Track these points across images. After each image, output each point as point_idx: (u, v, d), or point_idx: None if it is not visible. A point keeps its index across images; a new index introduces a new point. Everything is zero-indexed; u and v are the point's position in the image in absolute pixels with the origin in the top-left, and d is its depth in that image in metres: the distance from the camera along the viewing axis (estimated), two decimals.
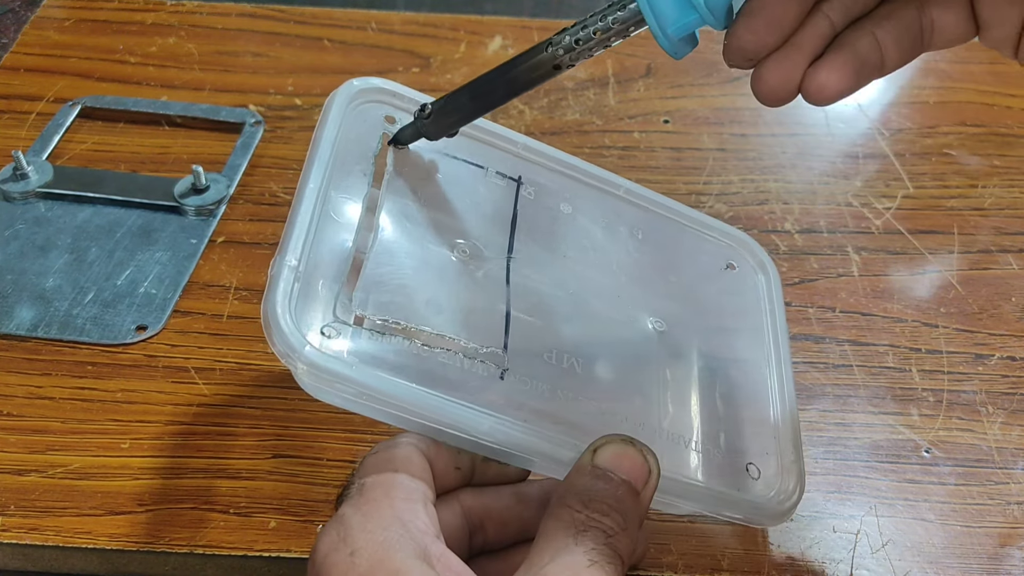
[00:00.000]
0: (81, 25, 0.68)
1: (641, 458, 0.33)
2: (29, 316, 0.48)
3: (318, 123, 0.38)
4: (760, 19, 0.31)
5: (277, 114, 0.61)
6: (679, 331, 0.42)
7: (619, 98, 0.64)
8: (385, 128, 0.40)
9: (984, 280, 0.53)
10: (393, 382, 0.33)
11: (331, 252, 0.35)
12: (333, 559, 0.29)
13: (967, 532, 0.42)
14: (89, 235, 0.53)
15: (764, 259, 0.47)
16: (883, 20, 0.32)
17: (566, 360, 0.38)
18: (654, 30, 0.32)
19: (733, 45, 0.31)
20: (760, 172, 0.60)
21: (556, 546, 0.30)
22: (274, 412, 0.45)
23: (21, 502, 0.41)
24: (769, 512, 0.39)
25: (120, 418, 0.44)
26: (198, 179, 0.54)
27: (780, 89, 0.31)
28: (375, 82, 0.40)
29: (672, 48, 0.32)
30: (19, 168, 0.55)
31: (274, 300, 0.32)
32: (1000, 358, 0.49)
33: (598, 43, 0.33)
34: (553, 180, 0.44)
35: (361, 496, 0.31)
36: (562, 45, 0.34)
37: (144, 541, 0.40)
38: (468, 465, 0.35)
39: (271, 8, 0.70)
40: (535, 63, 0.35)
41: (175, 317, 0.49)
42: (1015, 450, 0.45)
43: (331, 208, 0.36)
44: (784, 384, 0.43)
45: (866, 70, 0.32)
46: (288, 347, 0.32)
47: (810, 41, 0.31)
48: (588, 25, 0.33)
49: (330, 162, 0.37)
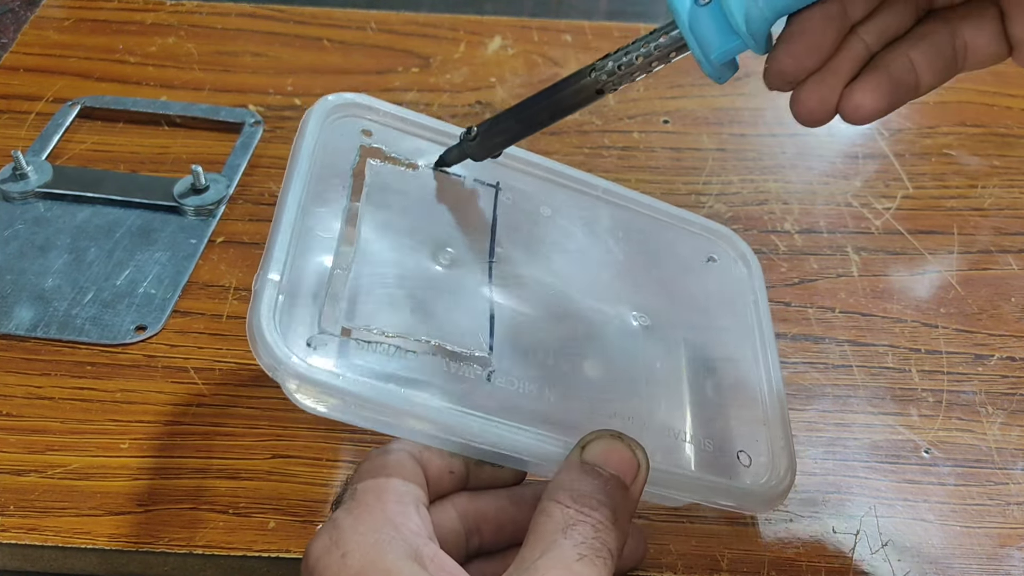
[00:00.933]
0: (80, 25, 0.68)
1: (629, 452, 0.33)
2: (28, 316, 0.48)
3: (295, 138, 0.39)
4: (800, 44, 0.32)
5: (277, 114, 0.61)
6: (664, 325, 0.43)
7: (619, 98, 0.64)
8: (362, 141, 0.40)
9: (984, 280, 0.53)
10: (381, 389, 0.33)
11: (314, 265, 0.36)
12: (325, 561, 0.30)
13: (966, 532, 0.42)
14: (88, 235, 0.53)
15: (745, 250, 0.48)
16: (917, 42, 0.32)
17: (552, 359, 0.39)
18: (697, 56, 0.33)
19: (774, 69, 0.32)
20: (760, 172, 0.60)
21: (546, 541, 0.30)
22: (273, 412, 0.45)
23: (20, 502, 0.41)
24: (762, 498, 0.39)
25: (119, 418, 0.44)
26: (197, 179, 0.54)
27: (818, 111, 0.32)
28: (350, 97, 0.41)
29: (715, 73, 0.33)
30: (18, 168, 0.55)
31: (259, 315, 0.33)
32: (1000, 358, 0.49)
33: (640, 68, 0.35)
34: (531, 184, 0.44)
35: (354, 500, 0.32)
36: (605, 70, 0.35)
37: (143, 541, 0.40)
38: (462, 469, 0.35)
39: (271, 8, 0.70)
40: (578, 87, 0.36)
41: (174, 317, 0.49)
42: (1015, 450, 0.45)
43: (312, 222, 0.37)
44: (771, 371, 0.43)
45: (901, 91, 0.32)
46: (275, 360, 0.32)
47: (847, 64, 0.32)
48: (631, 51, 0.34)
49: (309, 177, 0.37)
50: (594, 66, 0.35)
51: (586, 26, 0.70)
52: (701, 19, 0.32)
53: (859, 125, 0.33)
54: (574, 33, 0.69)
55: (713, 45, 0.32)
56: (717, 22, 0.32)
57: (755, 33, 0.31)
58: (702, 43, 0.32)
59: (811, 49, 0.32)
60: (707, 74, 0.33)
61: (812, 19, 0.31)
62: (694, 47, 0.33)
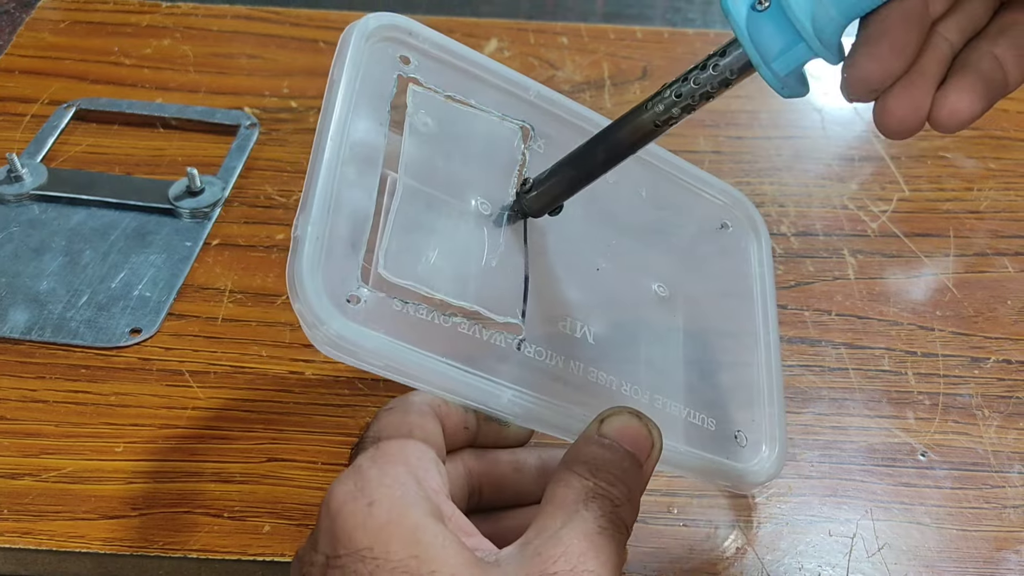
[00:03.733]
0: (76, 27, 0.68)
1: (646, 431, 0.34)
2: (23, 319, 0.48)
3: (334, 64, 0.36)
4: (884, 46, 0.29)
5: (272, 116, 0.61)
6: (679, 297, 0.43)
7: (615, 100, 0.64)
8: (400, 70, 0.38)
9: (980, 283, 0.53)
10: (417, 356, 0.33)
11: (352, 214, 0.34)
12: (351, 507, 0.30)
13: (963, 536, 0.42)
14: (83, 238, 0.53)
15: (756, 217, 0.48)
16: (998, 38, 0.31)
17: (579, 329, 0.39)
18: (756, 62, 0.30)
19: (855, 76, 0.29)
20: (756, 175, 0.60)
21: (567, 511, 0.31)
22: (269, 415, 0.45)
23: (14, 506, 0.41)
24: (756, 476, 0.40)
25: (114, 422, 0.44)
26: (193, 181, 0.54)
27: (910, 119, 0.30)
28: (389, 18, 0.38)
29: (781, 85, 0.31)
30: (13, 170, 0.54)
31: (300, 266, 0.31)
32: (996, 361, 0.49)
33: (701, 96, 0.32)
34: (562, 132, 0.42)
35: (377, 450, 0.32)
36: (663, 102, 0.33)
37: (138, 545, 0.40)
38: (475, 425, 0.36)
39: (266, 10, 0.70)
40: (635, 126, 0.34)
41: (169, 320, 0.49)
42: (1011, 453, 0.45)
43: (350, 164, 0.35)
44: (771, 350, 0.43)
45: (993, 90, 0.31)
46: (316, 318, 0.31)
47: (934, 65, 0.30)
48: (689, 77, 0.32)
49: (348, 111, 0.35)
50: (650, 100, 0.33)
51: (582, 28, 0.70)
52: (762, 26, 0.29)
53: (951, 132, 0.31)
54: (570, 35, 0.69)
55: (775, 53, 0.30)
56: (780, 28, 0.29)
57: (826, 40, 0.29)
58: (763, 52, 0.30)
59: (896, 51, 0.29)
60: (773, 87, 0.31)
61: (892, 18, 0.29)
62: (753, 54, 0.30)
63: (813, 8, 0.28)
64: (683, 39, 0.69)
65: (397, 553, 0.29)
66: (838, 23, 0.29)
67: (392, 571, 0.29)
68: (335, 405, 0.45)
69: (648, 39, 0.69)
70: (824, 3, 0.28)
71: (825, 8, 0.28)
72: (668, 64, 0.66)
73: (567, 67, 0.66)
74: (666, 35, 0.69)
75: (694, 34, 0.70)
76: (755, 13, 0.29)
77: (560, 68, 0.66)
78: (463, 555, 0.29)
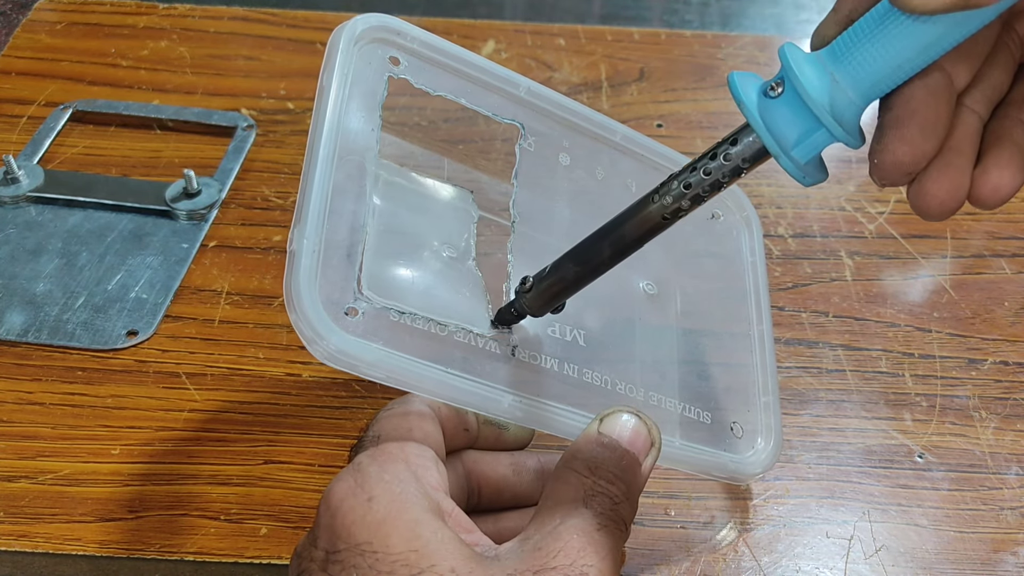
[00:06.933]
0: (73, 28, 0.68)
1: (645, 430, 0.34)
2: (19, 321, 0.48)
3: (323, 69, 0.36)
4: (913, 127, 0.27)
5: (269, 118, 0.61)
6: (667, 292, 0.43)
7: (612, 102, 0.64)
8: (390, 71, 0.37)
9: (977, 285, 0.54)
10: (418, 366, 0.33)
11: (346, 222, 0.34)
12: (351, 503, 0.30)
13: (960, 537, 0.42)
14: (80, 239, 0.53)
15: (748, 208, 0.47)
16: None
17: (569, 333, 0.39)
18: (773, 151, 0.29)
19: (888, 162, 0.28)
20: (753, 176, 0.59)
21: (567, 508, 0.31)
22: (266, 418, 0.45)
23: (11, 509, 0.41)
24: (752, 468, 0.40)
25: (110, 424, 0.44)
26: (190, 183, 0.54)
27: (950, 200, 0.28)
28: (377, 19, 0.37)
29: (800, 173, 0.29)
30: (10, 172, 0.54)
31: (298, 282, 0.31)
32: (993, 363, 0.49)
33: (711, 186, 0.31)
34: (552, 128, 0.42)
35: (377, 449, 0.32)
36: (671, 193, 0.31)
37: (134, 548, 0.40)
38: (475, 427, 0.37)
39: (263, 12, 0.70)
40: (642, 219, 0.32)
41: (166, 322, 0.49)
42: (1008, 455, 0.45)
43: (342, 171, 0.35)
44: (764, 341, 0.43)
45: None
46: (315, 333, 0.31)
47: (967, 141, 0.29)
48: (698, 168, 0.31)
49: (339, 116, 0.35)
50: (657, 191, 0.32)
51: (579, 30, 0.70)
52: (776, 113, 0.28)
53: (991, 209, 0.29)
54: (567, 37, 0.69)
55: (793, 141, 0.28)
56: (797, 114, 0.28)
57: (846, 125, 0.27)
58: (781, 140, 0.28)
59: (927, 131, 0.27)
60: (795, 177, 0.29)
61: (918, 97, 0.27)
62: (771, 144, 0.28)
63: (831, 92, 0.27)
64: (680, 40, 0.69)
65: (396, 547, 0.29)
66: (857, 106, 0.27)
67: (391, 565, 0.29)
68: (332, 407, 0.45)
69: (645, 41, 0.69)
70: (841, 86, 0.27)
71: (843, 91, 0.27)
72: (665, 65, 0.66)
73: (564, 69, 0.66)
74: (663, 37, 0.69)
75: (691, 36, 0.70)
76: (768, 100, 0.28)
77: (557, 70, 0.66)
78: (462, 550, 0.30)
